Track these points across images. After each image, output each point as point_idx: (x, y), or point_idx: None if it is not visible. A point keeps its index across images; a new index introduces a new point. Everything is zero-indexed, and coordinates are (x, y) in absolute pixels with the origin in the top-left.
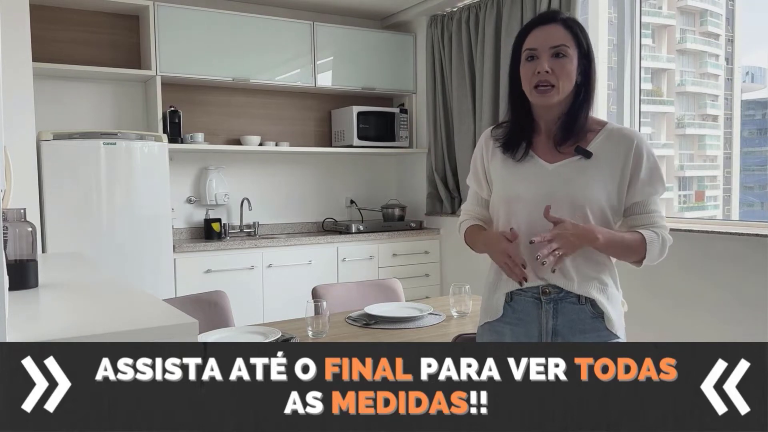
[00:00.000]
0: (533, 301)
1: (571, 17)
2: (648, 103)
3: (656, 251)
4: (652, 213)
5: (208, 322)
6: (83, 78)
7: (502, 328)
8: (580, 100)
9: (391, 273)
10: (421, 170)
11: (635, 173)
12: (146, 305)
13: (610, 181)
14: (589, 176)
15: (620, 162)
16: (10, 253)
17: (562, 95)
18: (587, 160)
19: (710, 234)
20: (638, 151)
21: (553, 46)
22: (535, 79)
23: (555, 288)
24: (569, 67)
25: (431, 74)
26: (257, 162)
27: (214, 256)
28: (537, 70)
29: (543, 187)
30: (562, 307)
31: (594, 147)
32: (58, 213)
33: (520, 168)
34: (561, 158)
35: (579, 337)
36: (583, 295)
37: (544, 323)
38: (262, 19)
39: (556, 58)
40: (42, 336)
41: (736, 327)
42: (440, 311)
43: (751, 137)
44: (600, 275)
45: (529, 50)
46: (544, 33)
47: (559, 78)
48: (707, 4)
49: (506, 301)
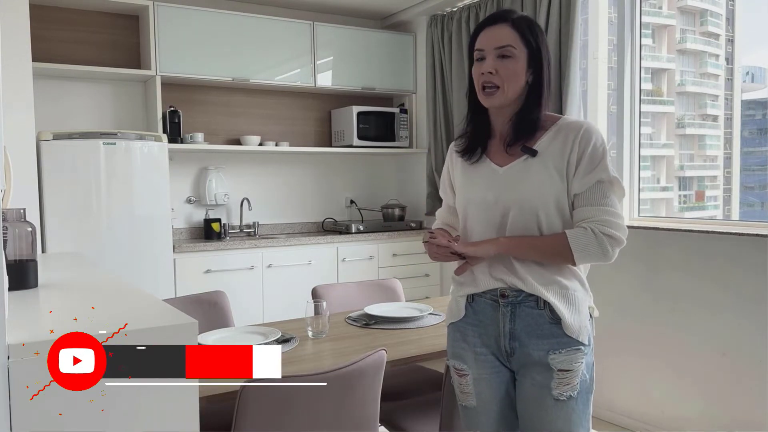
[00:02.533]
0: (492, 303)
1: (523, 16)
2: (648, 103)
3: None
4: (594, 206)
5: (208, 322)
6: (83, 78)
7: (465, 328)
8: (531, 100)
9: (391, 273)
10: (421, 170)
11: (578, 162)
12: (146, 305)
13: (558, 177)
14: (535, 175)
15: (565, 154)
16: (10, 253)
17: (510, 96)
18: (533, 158)
19: (710, 234)
20: (583, 140)
21: (498, 46)
22: (481, 80)
23: (513, 291)
24: (514, 67)
25: (431, 74)
26: (257, 162)
27: (214, 256)
28: (482, 71)
29: (492, 190)
30: (520, 311)
31: (541, 144)
32: (58, 213)
33: (475, 172)
34: (510, 160)
35: (536, 342)
36: (542, 299)
37: (501, 326)
38: (262, 19)
39: (501, 59)
40: (42, 336)
41: (736, 327)
42: (440, 311)
43: (751, 137)
44: (560, 278)
45: (477, 51)
46: (491, 33)
47: (504, 79)
48: (707, 4)
49: (468, 302)
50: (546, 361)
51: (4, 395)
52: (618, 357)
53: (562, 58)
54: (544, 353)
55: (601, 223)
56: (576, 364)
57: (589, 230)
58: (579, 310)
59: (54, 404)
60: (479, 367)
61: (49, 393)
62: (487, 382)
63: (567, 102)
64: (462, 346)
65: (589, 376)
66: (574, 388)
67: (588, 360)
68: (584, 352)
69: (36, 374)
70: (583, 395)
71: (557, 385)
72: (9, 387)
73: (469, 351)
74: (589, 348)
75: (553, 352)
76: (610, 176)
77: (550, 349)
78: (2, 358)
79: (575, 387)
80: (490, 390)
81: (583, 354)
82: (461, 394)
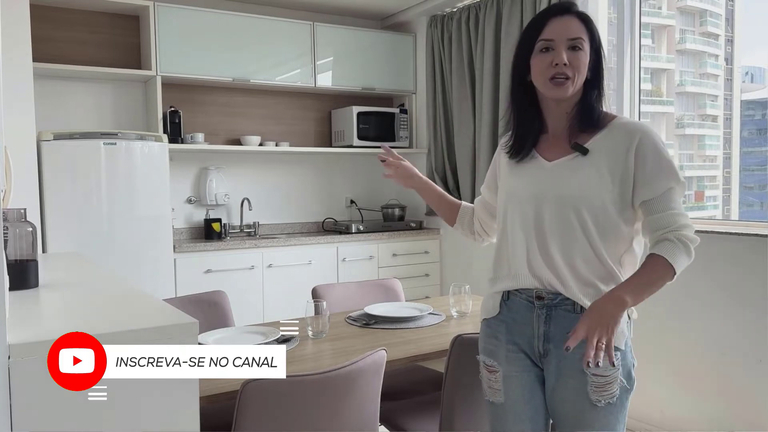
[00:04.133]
0: (527, 303)
1: (583, 12)
2: (648, 103)
3: (682, 259)
4: (666, 212)
5: (208, 322)
6: (83, 78)
7: (498, 325)
8: (595, 94)
9: (391, 273)
10: (421, 170)
11: (640, 169)
12: (146, 305)
13: (610, 178)
14: (583, 174)
15: (621, 157)
16: (10, 253)
17: (576, 89)
18: (584, 156)
19: (710, 234)
20: (642, 145)
21: (571, 38)
22: (551, 71)
23: (550, 293)
24: (585, 60)
25: (431, 74)
26: (257, 162)
27: (214, 256)
28: (555, 61)
29: (536, 185)
30: (555, 314)
31: (593, 143)
32: (58, 213)
33: (522, 166)
34: (561, 156)
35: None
36: (578, 303)
37: (536, 327)
38: (262, 19)
39: (572, 50)
40: (42, 336)
41: (736, 327)
42: (440, 311)
43: (750, 137)
44: (599, 282)
45: (545, 41)
46: (562, 24)
47: (575, 71)
48: (707, 4)
49: (502, 299)
50: (581, 366)
51: (4, 395)
52: None
53: None
54: (579, 357)
55: (680, 228)
56: (610, 371)
57: (677, 242)
58: None
59: (54, 404)
60: (510, 364)
61: (49, 393)
62: (517, 380)
63: None
64: (494, 342)
65: (627, 380)
66: (613, 396)
67: (626, 363)
68: (619, 357)
69: (36, 374)
70: (622, 397)
71: (594, 390)
72: (9, 387)
73: (501, 348)
74: (627, 351)
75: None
76: (680, 181)
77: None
78: (2, 358)
79: (614, 394)
80: (519, 388)
81: (618, 360)
82: (489, 389)
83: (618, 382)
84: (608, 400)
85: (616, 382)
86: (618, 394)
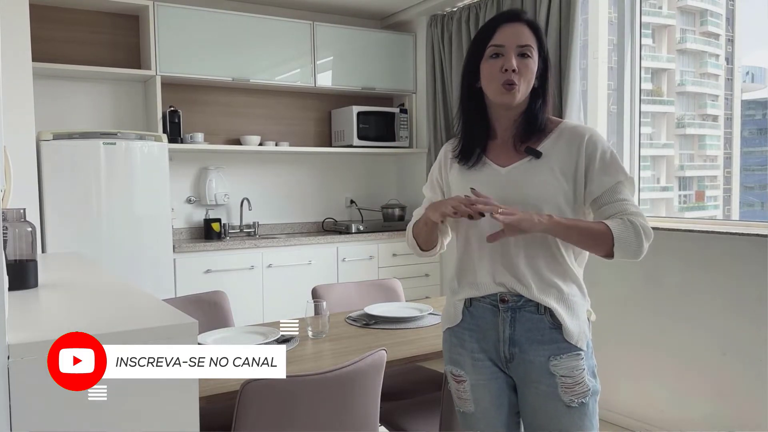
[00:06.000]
0: (491, 308)
1: (533, 20)
2: (648, 103)
3: (629, 238)
4: (616, 202)
5: (208, 322)
6: (83, 78)
7: (462, 333)
8: (540, 102)
9: (391, 273)
10: (421, 170)
11: (590, 167)
12: (146, 305)
13: (564, 179)
14: (540, 176)
15: (572, 158)
16: (10, 253)
17: (523, 96)
18: (537, 160)
19: (710, 234)
20: (590, 145)
21: (521, 45)
22: (501, 77)
23: (513, 296)
24: (533, 68)
25: (431, 74)
26: (257, 162)
27: (214, 256)
28: (504, 67)
29: (496, 191)
30: (520, 316)
31: (545, 146)
32: (58, 213)
33: (475, 174)
34: (513, 161)
35: (536, 348)
36: (542, 304)
37: (501, 331)
38: (262, 19)
39: (521, 57)
40: (42, 336)
41: (736, 327)
42: (440, 311)
43: (751, 137)
44: (560, 283)
45: (495, 46)
46: (513, 30)
47: (523, 78)
48: (707, 4)
49: (465, 307)
50: (548, 368)
51: (4, 395)
52: (618, 357)
53: (562, 58)
54: (545, 359)
55: (631, 215)
56: (577, 371)
57: (627, 221)
58: (578, 315)
59: (54, 404)
60: (477, 372)
61: (49, 393)
62: (485, 388)
63: (567, 102)
64: (459, 351)
65: (594, 380)
66: (586, 395)
67: (590, 364)
68: (583, 357)
69: (36, 374)
70: (592, 399)
71: (565, 391)
72: (9, 387)
73: (466, 356)
74: (589, 353)
75: (553, 358)
76: (628, 176)
77: (550, 354)
78: (2, 358)
79: (586, 393)
80: (488, 396)
81: (583, 360)
82: (459, 399)
83: (587, 381)
84: (581, 399)
85: (584, 381)
86: (590, 393)
